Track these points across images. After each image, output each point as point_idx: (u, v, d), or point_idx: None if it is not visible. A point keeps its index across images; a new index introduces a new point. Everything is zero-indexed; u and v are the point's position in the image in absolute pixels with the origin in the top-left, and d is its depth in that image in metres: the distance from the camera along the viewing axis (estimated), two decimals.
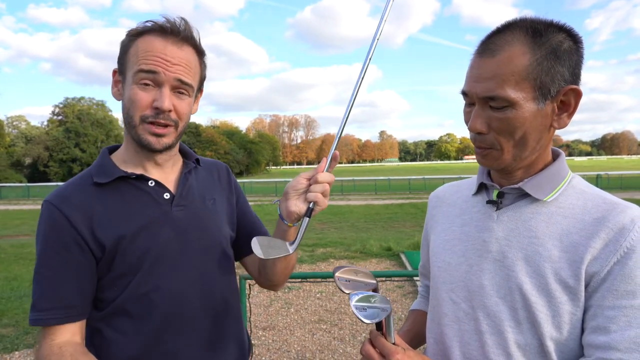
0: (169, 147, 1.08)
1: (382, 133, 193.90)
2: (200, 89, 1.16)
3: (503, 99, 0.79)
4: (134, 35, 1.04)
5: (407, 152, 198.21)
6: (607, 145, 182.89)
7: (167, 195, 1.10)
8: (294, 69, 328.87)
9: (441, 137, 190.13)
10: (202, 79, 1.13)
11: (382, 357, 0.83)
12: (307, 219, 0.99)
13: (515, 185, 0.89)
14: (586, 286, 0.80)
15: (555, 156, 0.91)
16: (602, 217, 0.81)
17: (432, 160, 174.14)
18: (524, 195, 0.89)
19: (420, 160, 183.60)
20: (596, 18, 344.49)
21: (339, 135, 1.01)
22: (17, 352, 4.05)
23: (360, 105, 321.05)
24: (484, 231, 0.92)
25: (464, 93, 0.86)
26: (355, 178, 34.29)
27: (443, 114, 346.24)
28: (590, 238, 0.80)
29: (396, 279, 5.86)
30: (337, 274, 0.90)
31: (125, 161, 1.11)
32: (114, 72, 1.09)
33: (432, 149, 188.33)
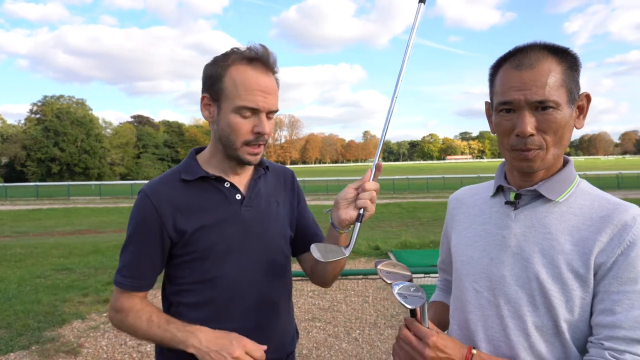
0: None
1: (365, 133, 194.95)
2: None
3: (552, 102, 0.92)
4: (226, 65, 1.17)
5: (391, 152, 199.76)
6: (585, 146, 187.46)
7: (238, 196, 1.26)
8: (279, 69, 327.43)
9: (424, 137, 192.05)
10: None
11: (419, 340, 0.94)
12: (359, 224, 1.10)
13: (532, 188, 1.01)
14: (594, 275, 0.93)
15: (565, 162, 1.04)
16: (607, 215, 0.94)
17: (415, 160, 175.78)
18: (538, 196, 1.02)
19: (403, 160, 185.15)
20: (575, 21, 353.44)
21: (379, 149, 1.15)
22: (12, 354, 4.04)
23: (344, 105, 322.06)
24: (503, 228, 1.04)
25: (505, 102, 0.96)
26: (340, 178, 34.53)
27: (426, 114, 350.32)
28: (597, 233, 0.93)
29: None
30: (379, 267, 1.03)
31: (208, 163, 1.27)
32: (203, 97, 1.22)
33: (415, 149, 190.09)
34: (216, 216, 1.22)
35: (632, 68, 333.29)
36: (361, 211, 1.11)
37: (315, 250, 1.08)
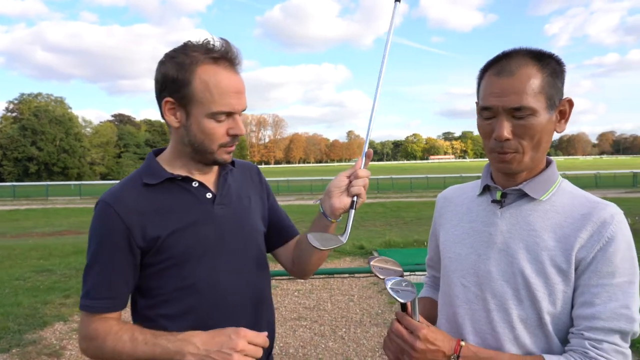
0: None
1: (349, 133, 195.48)
2: None
3: (528, 109, 0.96)
4: (192, 66, 1.09)
5: (375, 152, 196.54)
6: (564, 146, 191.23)
7: (209, 195, 1.21)
8: (262, 68, 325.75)
9: (407, 137, 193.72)
10: None
11: (410, 333, 0.98)
12: (353, 211, 1.12)
13: (517, 187, 1.05)
14: (576, 269, 0.98)
15: (548, 163, 1.09)
16: (587, 213, 0.99)
17: (399, 160, 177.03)
18: (523, 195, 1.06)
19: (387, 160, 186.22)
20: (555, 24, 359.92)
21: (367, 138, 1.18)
22: None
23: (328, 105, 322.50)
24: (489, 226, 1.08)
25: (486, 108, 1.01)
26: (324, 178, 34.54)
27: (409, 114, 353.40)
28: (578, 230, 0.98)
29: (371, 278, 6.07)
30: (372, 263, 1.07)
31: (171, 164, 1.20)
32: (166, 101, 1.13)
33: (399, 149, 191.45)
34: (188, 218, 1.16)
35: (609, 70, 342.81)
36: (355, 198, 1.13)
37: (314, 240, 1.08)
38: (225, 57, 1.12)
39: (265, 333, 1.10)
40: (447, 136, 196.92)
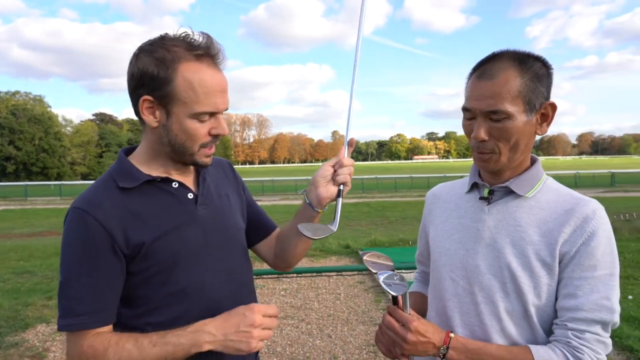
0: None
1: (334, 133, 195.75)
2: None
3: (503, 112, 0.99)
4: (173, 63, 1.03)
5: (359, 152, 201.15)
6: (545, 146, 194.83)
7: (190, 196, 1.15)
8: (247, 67, 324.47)
9: (392, 137, 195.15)
10: None
11: (401, 325, 1.01)
12: (341, 199, 1.15)
13: (503, 184, 1.09)
14: (559, 263, 1.02)
15: (533, 161, 1.13)
16: (570, 209, 1.03)
17: (383, 160, 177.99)
18: (509, 192, 1.10)
19: (371, 160, 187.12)
20: (536, 26, 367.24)
21: (348, 127, 1.19)
22: None
23: (313, 105, 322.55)
24: (477, 222, 1.12)
25: (466, 109, 1.05)
26: (309, 177, 34.48)
27: (394, 114, 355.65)
28: (562, 225, 1.02)
29: (358, 276, 6.12)
30: (364, 258, 1.10)
31: (147, 164, 1.13)
32: (144, 99, 1.05)
33: (383, 149, 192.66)
34: (171, 221, 1.10)
35: (588, 72, 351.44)
36: (341, 187, 1.15)
37: (305, 230, 1.08)
38: (208, 54, 1.06)
39: (275, 305, 1.08)
40: (431, 136, 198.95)
